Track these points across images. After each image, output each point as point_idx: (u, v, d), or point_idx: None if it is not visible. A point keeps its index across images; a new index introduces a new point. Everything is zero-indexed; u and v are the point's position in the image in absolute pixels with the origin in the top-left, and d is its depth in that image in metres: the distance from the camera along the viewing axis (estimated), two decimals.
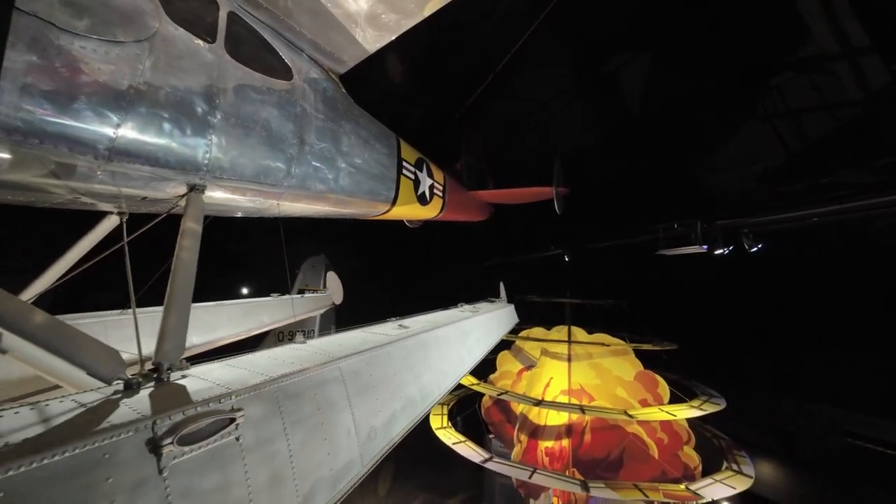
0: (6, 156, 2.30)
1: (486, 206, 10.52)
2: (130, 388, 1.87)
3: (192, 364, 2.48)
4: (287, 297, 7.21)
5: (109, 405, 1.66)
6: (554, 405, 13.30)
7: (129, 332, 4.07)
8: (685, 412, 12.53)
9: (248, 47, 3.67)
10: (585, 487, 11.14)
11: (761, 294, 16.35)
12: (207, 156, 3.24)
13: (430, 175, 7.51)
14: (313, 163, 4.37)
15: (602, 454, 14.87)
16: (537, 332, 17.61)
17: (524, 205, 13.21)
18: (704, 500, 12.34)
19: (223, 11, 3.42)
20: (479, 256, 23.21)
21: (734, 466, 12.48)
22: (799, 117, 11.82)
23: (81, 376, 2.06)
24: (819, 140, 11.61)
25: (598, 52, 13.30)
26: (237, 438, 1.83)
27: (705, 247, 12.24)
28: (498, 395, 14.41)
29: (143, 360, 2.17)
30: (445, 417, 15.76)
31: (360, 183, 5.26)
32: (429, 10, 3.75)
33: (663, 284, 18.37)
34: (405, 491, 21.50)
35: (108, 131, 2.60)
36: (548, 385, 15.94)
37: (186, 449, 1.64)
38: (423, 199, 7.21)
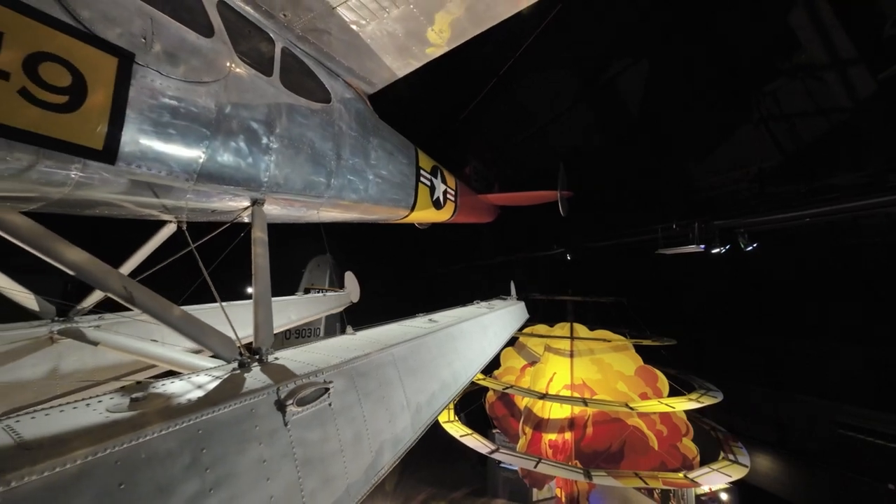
0: (123, 179, 2.83)
1: (493, 209, 11.04)
2: (244, 366, 2.39)
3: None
4: (311, 295, 7.74)
5: (239, 378, 2.18)
6: (558, 398, 13.82)
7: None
8: (684, 405, 13.05)
9: (297, 76, 4.17)
10: (588, 476, 11.67)
11: (756, 291, 16.84)
12: (267, 174, 3.76)
13: (444, 181, 8.03)
14: (348, 175, 4.89)
15: (603, 446, 15.39)
16: (540, 328, 18.12)
17: (527, 206, 13.75)
18: (701, 489, 12.85)
19: (278, 47, 3.92)
20: (483, 255, 23.72)
21: (730, 456, 12.98)
22: (792, 121, 12.33)
23: (193, 360, 2.59)
24: (811, 143, 12.11)
25: (599, 58, 13.78)
26: (330, 404, 2.35)
27: (702, 246, 12.72)
28: (504, 389, 14.93)
29: (241, 346, 2.68)
30: (452, 412, 16.29)
31: (385, 191, 5.78)
32: (454, 44, 4.26)
33: (662, 282, 18.86)
34: (411, 485, 21.95)
35: (197, 157, 3.12)
36: (551, 380, 16.45)
37: (300, 409, 2.15)
38: (437, 204, 7.73)
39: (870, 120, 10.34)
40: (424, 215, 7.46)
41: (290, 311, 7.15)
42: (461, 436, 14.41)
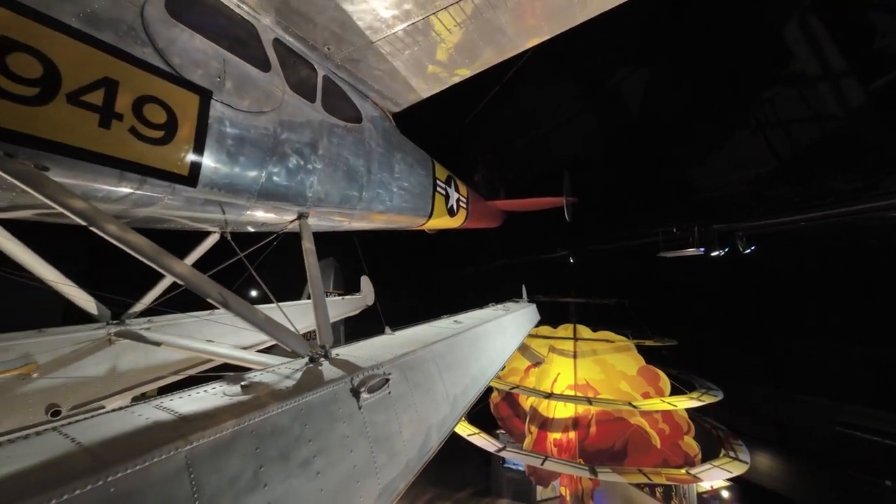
0: (200, 200, 3.24)
1: (500, 214, 11.46)
2: (314, 361, 2.80)
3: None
4: (331, 299, 8.15)
5: (316, 370, 2.58)
6: (563, 397, 14.16)
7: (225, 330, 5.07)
8: (685, 403, 13.41)
9: (335, 101, 4.60)
10: (594, 472, 12.04)
11: (755, 292, 17.23)
12: (311, 190, 4.17)
13: (457, 189, 8.46)
14: (376, 189, 5.31)
15: (607, 445, 15.72)
16: (544, 329, 18.48)
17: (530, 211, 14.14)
18: (703, 487, 13.16)
19: (320, 76, 4.35)
20: (487, 258, 24.13)
21: (731, 454, 13.31)
22: (788, 127, 12.78)
23: (258, 357, 3.00)
24: (807, 149, 12.56)
25: (601, 66, 14.25)
26: (389, 392, 2.75)
27: (702, 249, 13.13)
28: (510, 388, 15.28)
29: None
30: None
31: (406, 202, 6.20)
32: (476, 71, 4.69)
33: (663, 284, 19.25)
34: (416, 485, 22.17)
35: (258, 177, 3.54)
36: (555, 380, 16.79)
37: (369, 396, 2.55)
38: (451, 212, 8.15)
39: (862, 127, 10.80)
40: (440, 222, 7.88)
41: (311, 313, 7.54)
42: (468, 435, 14.75)
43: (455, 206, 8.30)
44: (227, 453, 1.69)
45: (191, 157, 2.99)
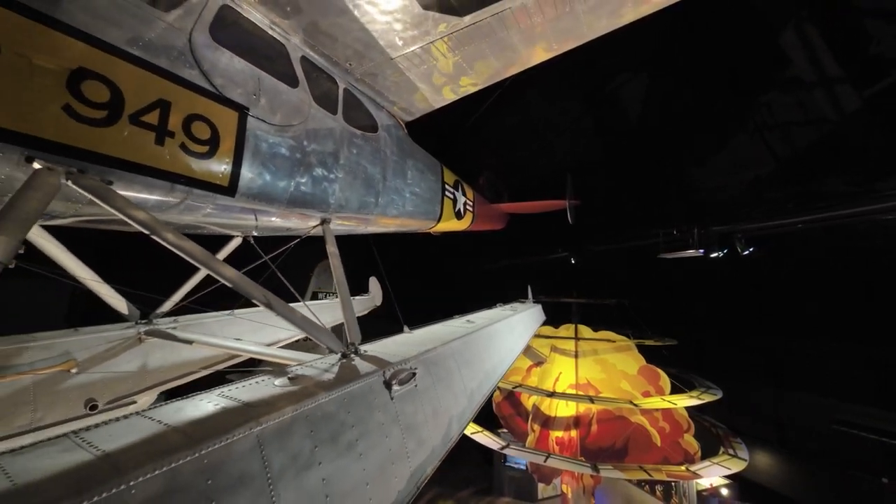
0: (237, 208, 3.50)
1: (504, 217, 11.71)
2: (346, 357, 3.05)
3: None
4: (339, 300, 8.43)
5: (351, 364, 2.84)
6: (566, 396, 14.40)
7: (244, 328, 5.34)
8: (685, 401, 13.66)
9: (354, 112, 4.85)
10: (595, 469, 12.30)
11: (754, 292, 17.49)
12: (334, 197, 4.43)
13: (464, 193, 8.71)
14: (391, 195, 5.57)
15: (608, 443, 15.97)
16: (546, 329, 18.72)
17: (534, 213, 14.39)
18: (703, 485, 13.38)
19: (340, 89, 4.61)
20: (490, 259, 24.41)
21: (730, 451, 13.56)
22: (786, 130, 13.05)
23: (288, 353, 3.26)
24: (804, 152, 12.83)
25: (603, 71, 14.51)
26: (416, 385, 3.00)
27: (702, 250, 13.41)
28: (513, 388, 15.52)
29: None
30: None
31: (418, 206, 6.45)
32: (487, 84, 4.95)
33: (664, 284, 19.52)
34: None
35: (288, 186, 3.80)
36: (557, 379, 17.05)
37: (399, 388, 2.81)
38: (458, 215, 8.41)
39: (858, 131, 11.07)
40: (448, 225, 8.14)
41: (324, 314, 7.80)
42: (472, 433, 15.00)
43: (462, 210, 8.55)
44: (289, 434, 1.94)
45: (230, 168, 3.24)
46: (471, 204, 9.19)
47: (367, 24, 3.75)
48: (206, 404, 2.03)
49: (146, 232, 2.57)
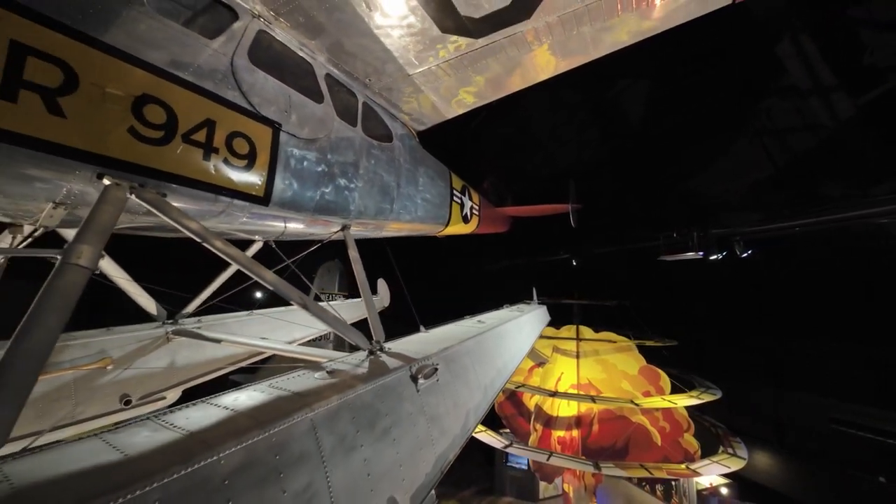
0: (269, 216, 3.77)
1: (508, 220, 11.99)
2: (373, 354, 3.32)
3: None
4: (354, 300, 8.68)
5: (379, 360, 3.11)
6: (568, 395, 14.64)
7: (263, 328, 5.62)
8: (685, 401, 13.91)
9: (371, 123, 5.13)
10: (597, 467, 12.55)
11: (753, 294, 17.76)
12: (354, 204, 4.71)
13: (470, 198, 8.99)
14: (405, 201, 5.84)
15: (609, 443, 16.20)
16: (547, 330, 18.95)
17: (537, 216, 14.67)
18: (702, 484, 13.57)
19: (360, 102, 4.89)
20: (492, 261, 24.69)
21: (729, 450, 13.80)
22: (784, 136, 13.35)
23: (315, 351, 3.53)
24: (801, 157, 13.13)
25: (605, 78, 14.81)
26: (437, 380, 3.27)
27: (701, 253, 13.68)
28: (516, 387, 15.77)
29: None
30: None
31: (428, 211, 6.73)
32: (496, 97, 5.23)
33: (664, 286, 19.78)
34: None
35: (314, 195, 4.08)
36: (559, 380, 17.29)
37: (424, 381, 3.08)
38: (465, 219, 8.69)
39: (853, 138, 11.36)
40: (455, 229, 8.42)
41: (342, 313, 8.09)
42: (476, 432, 15.22)
43: (469, 214, 8.83)
44: (336, 420, 2.21)
45: (265, 180, 3.52)
46: (477, 208, 9.46)
47: (388, 44, 4.03)
48: (261, 394, 2.30)
49: (197, 240, 2.85)
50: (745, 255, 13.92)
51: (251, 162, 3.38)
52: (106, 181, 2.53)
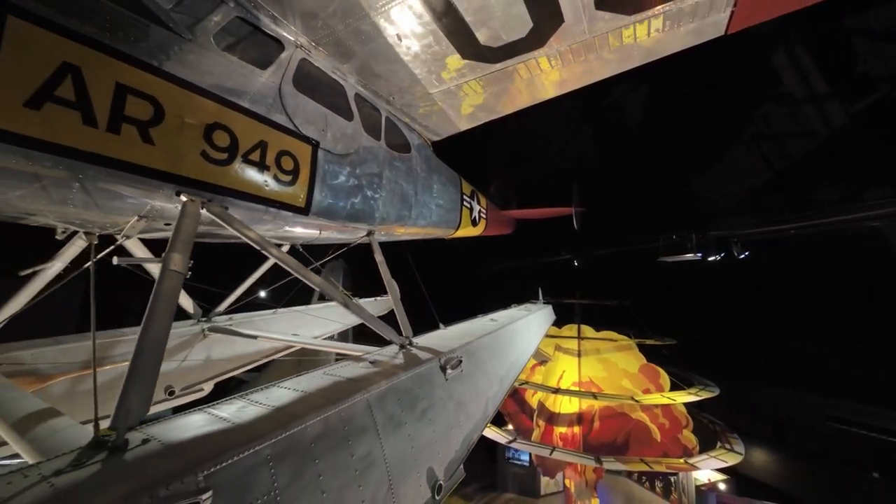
0: (308, 224, 4.19)
1: (513, 222, 12.41)
2: (404, 348, 3.73)
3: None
4: (371, 299, 9.14)
5: (412, 353, 3.53)
6: (570, 392, 15.07)
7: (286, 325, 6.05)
8: (683, 398, 14.34)
9: (393, 136, 5.54)
10: (599, 461, 12.99)
11: (750, 294, 18.17)
12: (378, 212, 5.13)
13: (478, 202, 9.40)
14: (421, 207, 6.26)
15: (610, 439, 16.62)
16: (549, 329, 19.32)
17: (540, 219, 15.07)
18: (701, 480, 13.91)
19: (383, 117, 5.30)
20: (496, 261, 25.11)
21: (727, 446, 14.22)
22: (780, 142, 13.77)
23: (348, 345, 3.97)
24: (797, 162, 13.55)
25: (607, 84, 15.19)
26: (461, 371, 3.69)
27: (700, 254, 14.08)
28: (519, 384, 16.19)
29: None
30: None
31: (442, 216, 7.14)
32: (508, 112, 5.64)
33: (664, 286, 20.19)
34: None
35: (346, 205, 4.50)
36: (561, 377, 17.71)
37: (451, 371, 3.49)
38: (474, 222, 9.10)
39: (847, 144, 11.76)
40: (465, 232, 8.84)
41: (350, 315, 8.52)
42: None
43: (477, 217, 9.25)
44: (386, 401, 2.63)
45: (306, 192, 3.94)
46: (484, 211, 9.88)
47: (413, 68, 4.45)
48: (320, 380, 2.72)
49: (256, 247, 3.27)
50: (742, 256, 14.32)
51: (295, 177, 3.80)
52: (183, 197, 2.95)
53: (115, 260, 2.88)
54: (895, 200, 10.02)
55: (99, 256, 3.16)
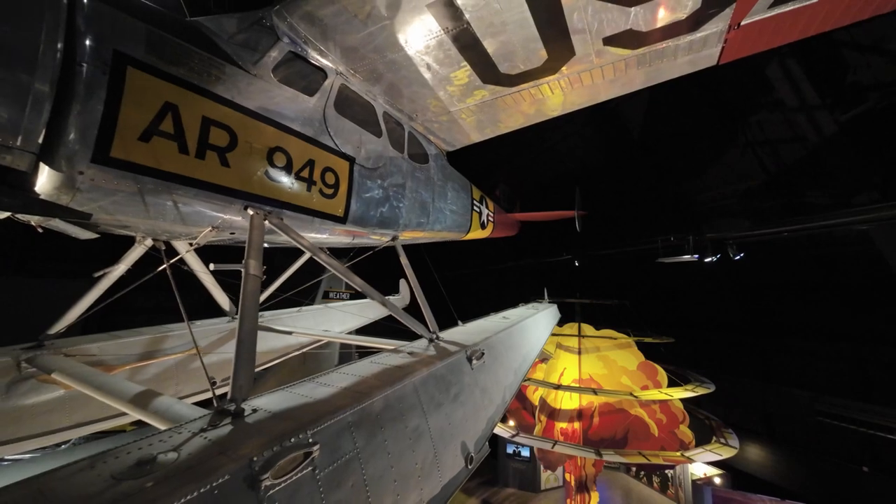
0: (344, 231, 4.68)
1: (518, 224, 12.91)
2: (433, 341, 4.23)
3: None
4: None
5: (441, 346, 4.02)
6: (571, 388, 15.58)
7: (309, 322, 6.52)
8: (680, 394, 14.82)
9: (414, 149, 6.03)
10: (599, 454, 13.51)
11: (745, 294, 18.70)
12: (402, 219, 5.62)
13: (486, 206, 9.90)
14: (437, 213, 6.75)
15: (609, 434, 17.13)
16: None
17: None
18: (696, 474, 14.40)
19: (406, 132, 5.78)
20: (496, 261, 25.64)
21: (721, 440, 14.75)
22: (773, 148, 14.29)
23: (373, 339, 4.49)
24: (790, 167, 14.07)
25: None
26: (484, 361, 4.19)
27: (696, 256, 14.57)
28: (522, 381, 16.65)
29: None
30: None
31: (455, 221, 7.64)
32: (520, 127, 6.13)
33: (662, 287, 20.72)
34: None
35: (376, 214, 4.99)
36: (562, 374, 18.20)
37: (476, 362, 3.98)
38: (483, 225, 9.60)
39: (836, 151, 12.30)
40: (474, 234, 9.34)
41: (368, 311, 9.03)
42: None
43: (486, 221, 9.76)
44: (427, 385, 3.12)
45: (344, 203, 4.44)
46: (492, 214, 10.38)
47: (437, 90, 4.94)
48: (372, 365, 3.23)
49: (308, 253, 3.76)
50: (737, 257, 14.83)
51: (336, 190, 4.30)
52: (250, 211, 3.44)
53: (210, 266, 3.35)
54: (882, 206, 10.54)
55: (173, 261, 3.65)
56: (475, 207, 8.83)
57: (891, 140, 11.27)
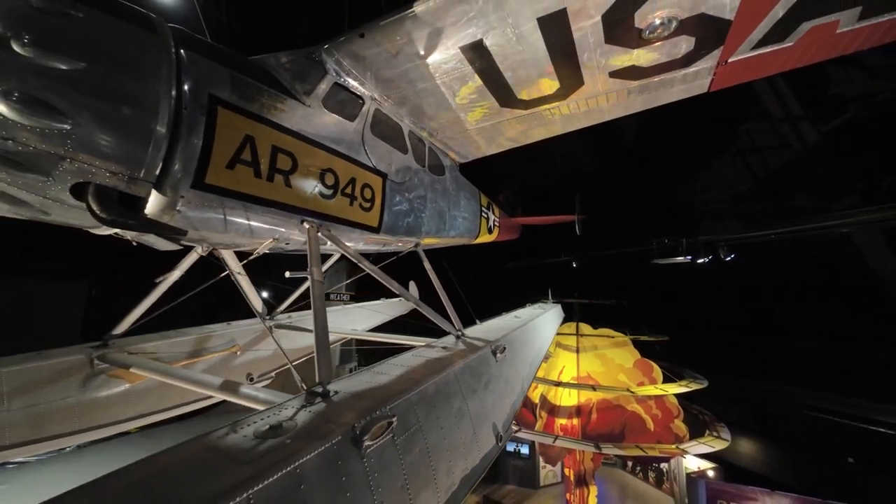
0: (376, 239, 5.20)
1: (520, 228, 13.49)
2: (459, 338, 4.75)
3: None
4: (393, 300, 10.13)
5: (467, 341, 4.55)
6: (570, 385, 16.17)
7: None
8: (675, 389, 15.50)
9: (433, 162, 6.55)
10: (598, 448, 14.12)
11: (735, 294, 19.47)
12: (424, 227, 6.14)
13: (493, 212, 10.45)
14: (451, 221, 7.29)
15: (606, 429, 17.74)
16: None
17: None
18: (691, 468, 14.98)
19: (426, 147, 6.31)
20: (497, 262, 26.23)
21: (714, 433, 15.45)
22: (762, 154, 15.04)
23: (405, 337, 5.00)
24: (777, 173, 14.83)
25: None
26: (505, 355, 4.71)
27: (689, 257, 15.25)
28: None
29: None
30: None
31: (466, 227, 8.17)
32: (529, 141, 6.69)
33: (657, 287, 21.44)
34: None
35: (404, 223, 5.51)
36: (561, 372, 18.81)
37: (500, 355, 4.52)
38: (490, 230, 10.15)
39: (820, 159, 13.04)
40: (482, 239, 9.90)
41: (382, 311, 9.54)
42: None
43: (493, 226, 10.31)
44: (464, 374, 3.65)
45: (378, 215, 4.96)
46: (497, 220, 10.94)
47: (458, 113, 5.48)
48: (412, 358, 3.75)
49: (354, 260, 4.27)
50: (728, 259, 15.53)
51: (372, 203, 4.82)
52: (306, 225, 3.95)
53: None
54: (861, 210, 11.27)
55: (239, 267, 4.15)
56: (483, 213, 9.37)
57: (870, 148, 12.03)
